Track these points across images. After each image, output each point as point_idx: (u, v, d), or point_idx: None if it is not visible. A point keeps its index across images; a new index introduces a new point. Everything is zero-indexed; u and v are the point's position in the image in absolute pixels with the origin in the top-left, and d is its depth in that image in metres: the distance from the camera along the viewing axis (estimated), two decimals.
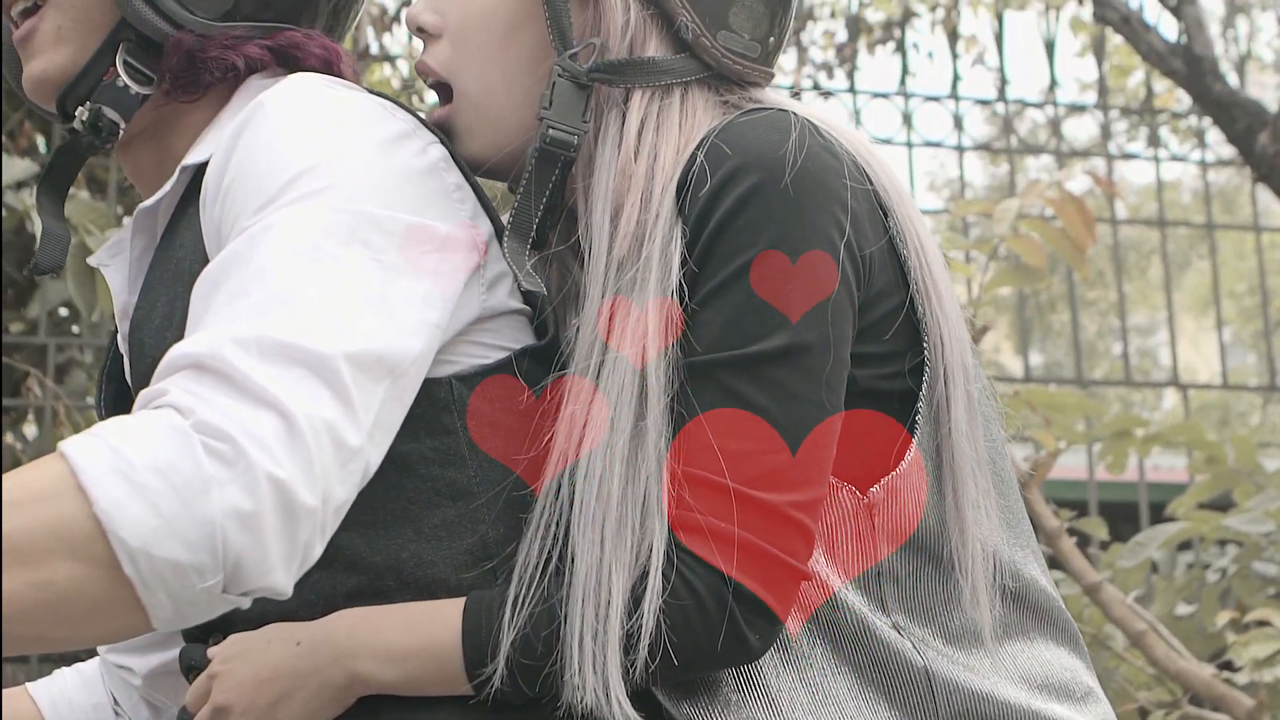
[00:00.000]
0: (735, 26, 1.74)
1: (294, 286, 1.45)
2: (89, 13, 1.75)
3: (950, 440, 1.66)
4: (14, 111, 4.76)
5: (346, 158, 1.56)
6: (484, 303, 1.64)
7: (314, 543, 1.38)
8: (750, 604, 1.53)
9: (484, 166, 1.79)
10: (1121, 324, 6.06)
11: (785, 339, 1.55)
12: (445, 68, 1.78)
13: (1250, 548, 4.30)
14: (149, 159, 1.83)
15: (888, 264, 1.65)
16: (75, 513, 1.28)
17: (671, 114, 1.70)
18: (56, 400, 4.32)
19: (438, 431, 1.61)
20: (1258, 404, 20.87)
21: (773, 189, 1.57)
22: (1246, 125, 4.80)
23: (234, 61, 1.75)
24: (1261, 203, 6.19)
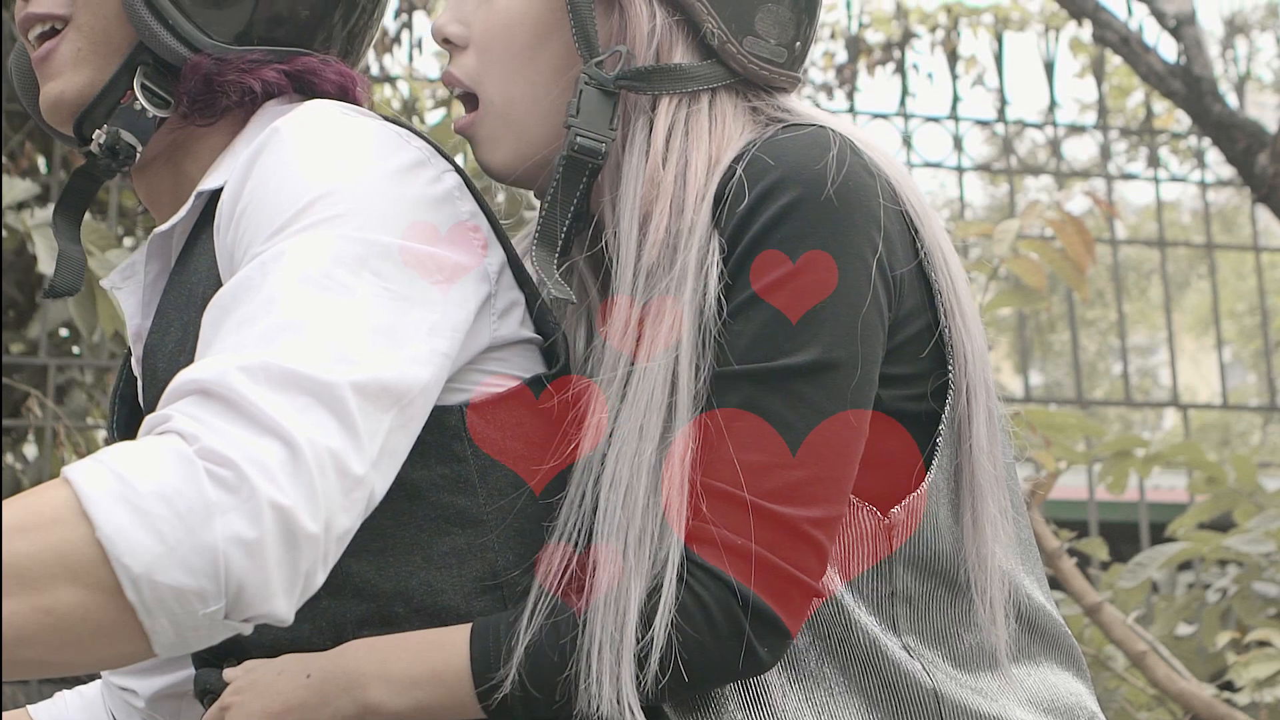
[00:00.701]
0: (761, 32, 1.74)
1: (302, 315, 1.45)
2: (107, 36, 1.76)
3: (971, 458, 1.66)
4: (15, 132, 4.77)
5: (359, 186, 1.56)
6: (495, 332, 1.64)
7: (316, 570, 1.37)
8: (761, 617, 1.52)
9: (509, 176, 1.80)
10: (1121, 344, 6.06)
11: (814, 355, 1.55)
12: (471, 77, 1.78)
13: (1251, 568, 4.30)
14: (164, 183, 1.83)
15: (917, 285, 1.66)
16: (79, 538, 1.28)
17: (700, 120, 1.70)
18: (57, 421, 4.32)
19: (448, 459, 1.61)
20: (1258, 424, 20.87)
21: (812, 204, 1.57)
22: (1246, 146, 4.80)
23: (251, 85, 1.75)
24: (1261, 222, 6.20)
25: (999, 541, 1.68)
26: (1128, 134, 7.32)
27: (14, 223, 3.74)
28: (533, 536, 1.64)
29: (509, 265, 1.68)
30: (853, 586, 1.63)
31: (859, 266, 1.58)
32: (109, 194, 4.82)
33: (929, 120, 5.83)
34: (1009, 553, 1.70)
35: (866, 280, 1.58)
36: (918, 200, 1.70)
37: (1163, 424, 23.82)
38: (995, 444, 1.69)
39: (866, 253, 1.58)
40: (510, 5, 1.76)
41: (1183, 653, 4.33)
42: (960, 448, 1.67)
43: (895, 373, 1.63)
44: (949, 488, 1.66)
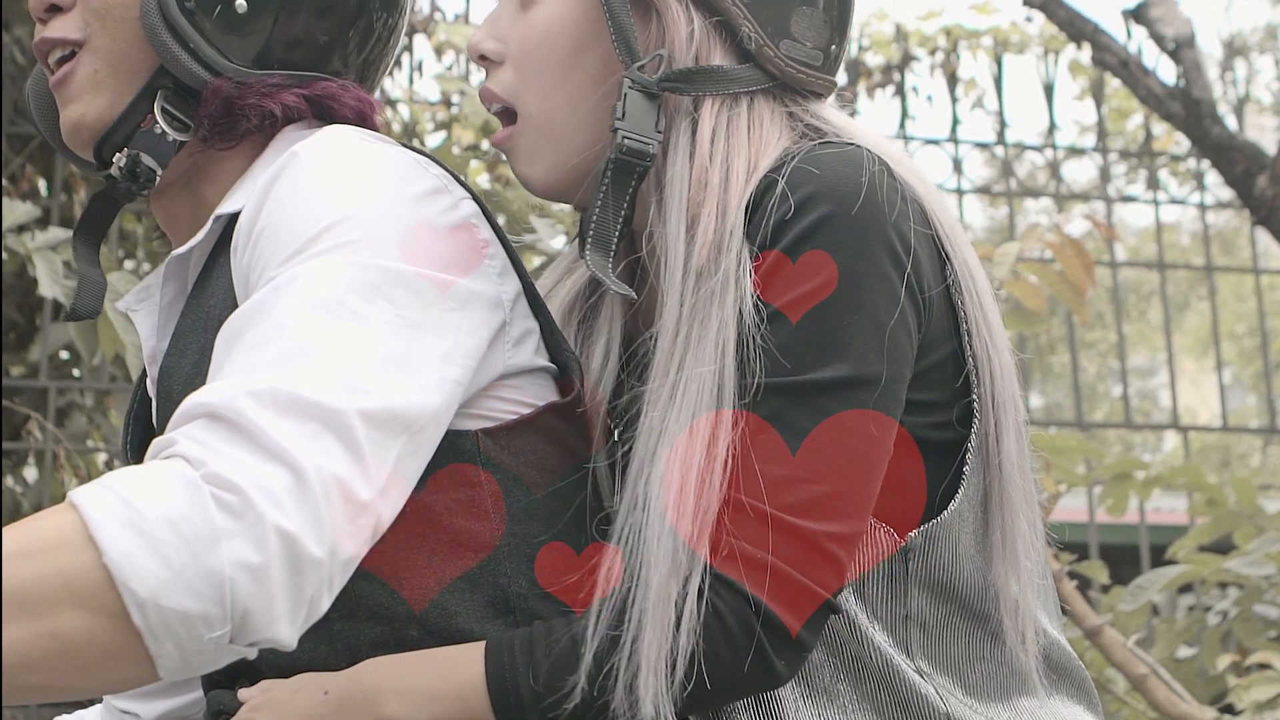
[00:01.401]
0: (798, 35, 1.75)
1: (313, 341, 1.45)
2: (126, 59, 1.76)
3: (1002, 474, 1.67)
4: (16, 155, 4.78)
5: (376, 212, 1.56)
6: (509, 360, 1.65)
7: (321, 595, 1.38)
8: (777, 630, 1.52)
9: (548, 188, 1.81)
10: (1121, 366, 6.06)
11: (841, 370, 1.56)
12: (509, 92, 1.79)
13: (1251, 590, 4.30)
14: (182, 207, 1.83)
15: (945, 310, 1.66)
16: (85, 563, 1.29)
17: (740, 124, 1.71)
18: (57, 444, 4.32)
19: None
20: (1258, 445, 20.87)
21: (842, 221, 1.58)
22: (1245, 168, 4.80)
23: (271, 109, 1.76)
24: (1260, 245, 6.21)
25: (1030, 558, 1.69)
26: (1127, 156, 7.33)
27: (15, 245, 3.74)
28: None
29: (524, 293, 1.69)
30: (868, 606, 1.64)
31: (886, 285, 1.58)
32: None
33: (929, 143, 5.84)
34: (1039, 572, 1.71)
35: (894, 299, 1.59)
36: (949, 222, 1.70)
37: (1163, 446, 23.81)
38: (1025, 460, 1.70)
39: (893, 272, 1.59)
40: (547, 19, 1.77)
41: (1183, 675, 4.33)
42: (989, 465, 1.67)
43: (919, 399, 1.64)
44: (974, 516, 1.67)
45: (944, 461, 1.67)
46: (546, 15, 1.77)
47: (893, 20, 6.27)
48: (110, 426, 4.79)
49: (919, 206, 1.66)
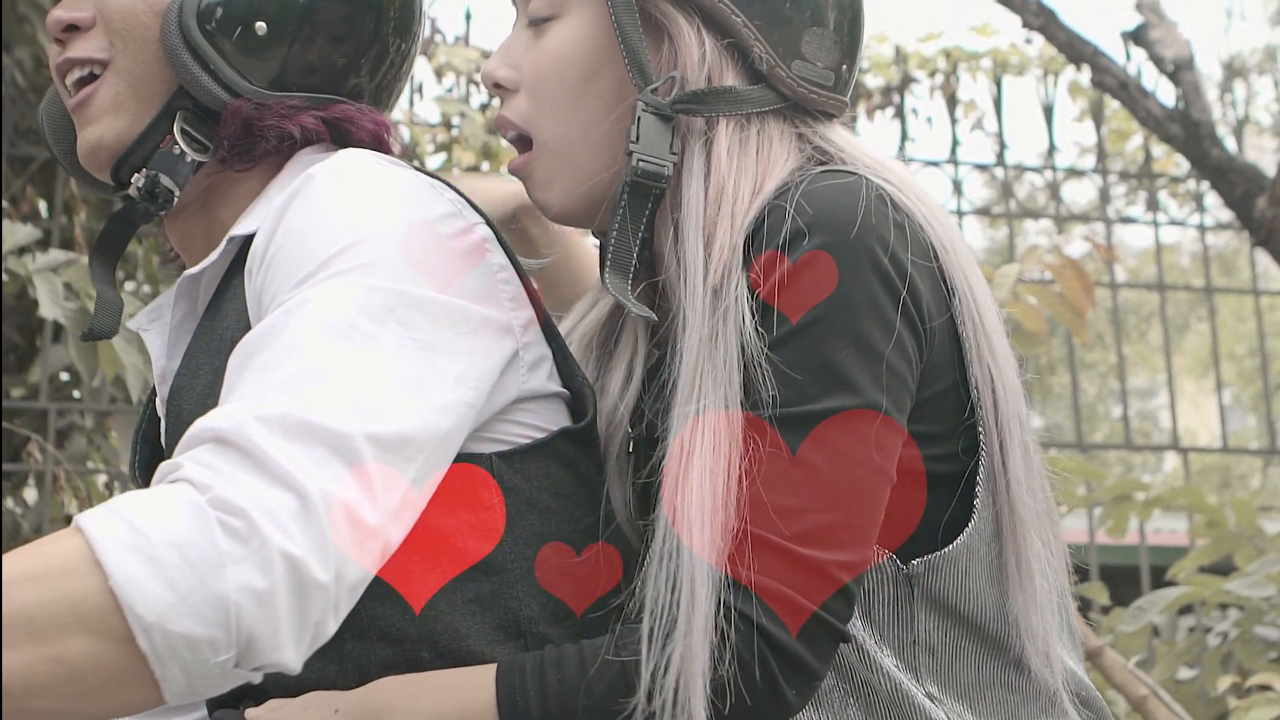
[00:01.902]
0: (809, 56, 1.76)
1: (323, 364, 1.46)
2: (147, 80, 1.77)
3: (1010, 496, 1.67)
4: (16, 177, 4.78)
5: (390, 236, 1.57)
6: (523, 384, 1.66)
7: (326, 620, 1.38)
8: (789, 659, 1.53)
9: (565, 213, 1.82)
10: (1121, 387, 6.06)
11: (841, 401, 1.56)
12: (525, 119, 1.80)
13: (1252, 612, 4.29)
14: (197, 228, 1.84)
15: (948, 340, 1.67)
16: (91, 587, 1.29)
17: (750, 146, 1.72)
18: (57, 465, 4.32)
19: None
20: (1258, 466, 20.85)
21: (837, 254, 1.58)
22: (1244, 190, 4.81)
23: (290, 130, 1.77)
24: (1260, 266, 6.20)
25: (1046, 577, 1.69)
26: (1127, 178, 7.33)
27: (15, 267, 3.74)
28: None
29: (537, 319, 1.70)
30: (876, 630, 1.65)
31: (881, 315, 1.59)
32: None
33: (928, 164, 5.85)
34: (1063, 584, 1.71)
35: (890, 328, 1.59)
36: (954, 248, 1.71)
37: (1163, 467, 23.80)
38: (1034, 477, 1.71)
39: (889, 302, 1.59)
40: (560, 45, 1.78)
41: (1184, 697, 4.32)
42: (997, 489, 1.68)
43: (921, 430, 1.64)
44: (986, 545, 1.68)
45: (949, 492, 1.67)
46: (559, 42, 1.78)
47: (892, 42, 6.28)
48: (110, 448, 4.79)
49: (921, 236, 1.66)
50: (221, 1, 1.75)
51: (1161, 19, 5.11)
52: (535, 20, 1.80)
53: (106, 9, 1.78)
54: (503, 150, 5.30)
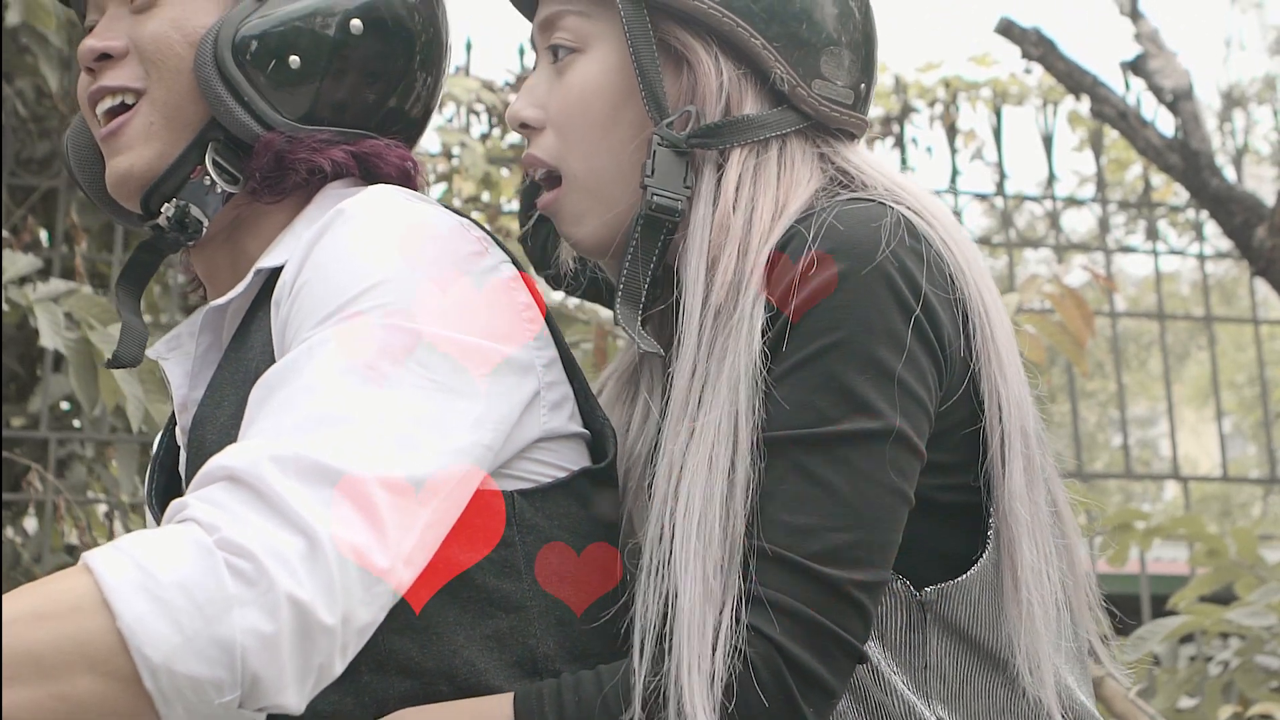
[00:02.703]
0: (828, 75, 1.78)
1: (341, 406, 1.47)
2: (180, 111, 1.78)
3: (1007, 504, 1.68)
4: (17, 207, 4.79)
5: (415, 275, 1.58)
6: (545, 424, 1.67)
7: (332, 662, 1.39)
8: (807, 677, 1.54)
9: (597, 247, 1.83)
10: (1121, 416, 6.05)
11: (860, 423, 1.58)
12: (554, 156, 1.82)
13: (1253, 641, 4.29)
14: (223, 259, 1.85)
15: (965, 366, 1.68)
16: (98, 627, 1.31)
17: (769, 167, 1.74)
18: (57, 495, 4.31)
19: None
20: (1259, 495, 20.83)
21: (855, 278, 1.60)
22: (1244, 219, 4.81)
23: (321, 164, 1.78)
24: (1260, 294, 6.21)
25: (1043, 587, 1.69)
26: (1126, 207, 7.34)
27: (16, 297, 3.74)
28: (573, 628, 1.66)
29: (560, 359, 1.71)
30: (889, 653, 1.66)
31: (899, 342, 1.60)
32: (111, 268, 4.83)
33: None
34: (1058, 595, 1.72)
35: (907, 355, 1.60)
36: (972, 273, 1.72)
37: (1164, 495, 23.78)
38: (1035, 489, 1.71)
39: (908, 330, 1.61)
40: (585, 80, 1.79)
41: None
42: (994, 497, 1.68)
43: (937, 460, 1.66)
44: (996, 574, 1.68)
45: (958, 520, 1.68)
46: (583, 77, 1.79)
47: (892, 72, 6.28)
48: (110, 478, 4.78)
49: (940, 264, 1.67)
50: (256, 35, 1.76)
51: (1160, 49, 5.12)
52: (558, 54, 1.82)
53: (140, 39, 1.79)
54: (503, 180, 5.31)
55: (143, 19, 1.80)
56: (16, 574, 4.42)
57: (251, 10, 1.77)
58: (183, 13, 1.79)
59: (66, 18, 4.04)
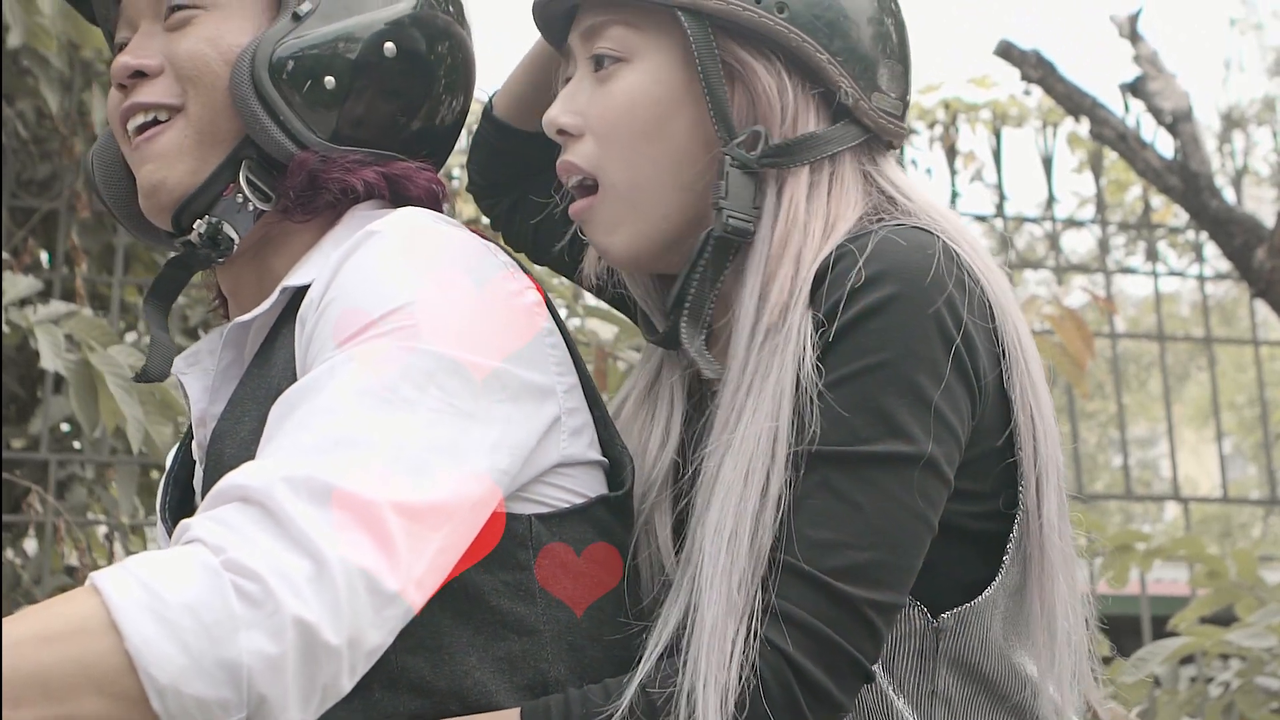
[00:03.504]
0: (884, 87, 1.80)
1: (358, 429, 1.48)
2: (214, 127, 1.79)
3: (1041, 538, 1.69)
4: (18, 229, 4.79)
5: (441, 298, 1.59)
6: (564, 450, 1.67)
7: (337, 682, 1.40)
8: (815, 691, 1.54)
9: (628, 257, 1.84)
10: (1121, 436, 6.05)
11: (891, 446, 1.58)
12: (591, 164, 1.81)
13: (1253, 662, 4.29)
14: (249, 276, 1.86)
15: (999, 398, 1.69)
16: (105, 648, 1.32)
17: (823, 185, 1.75)
18: (57, 516, 4.31)
19: (511, 566, 1.64)
20: (1259, 516, 20.81)
21: (904, 303, 1.61)
22: (1243, 241, 4.81)
23: (354, 184, 1.79)
24: (1260, 315, 6.21)
25: (1069, 619, 1.71)
26: (1126, 228, 7.35)
27: (16, 319, 3.75)
28: (585, 653, 1.67)
29: (580, 385, 1.72)
30: (895, 678, 1.66)
31: (938, 369, 1.61)
32: (111, 290, 4.84)
33: None
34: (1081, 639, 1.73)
35: (945, 383, 1.61)
36: (1006, 304, 1.73)
37: (1164, 516, 23.76)
38: (1065, 524, 1.72)
39: (947, 358, 1.61)
40: (630, 90, 1.79)
41: None
42: (1029, 531, 1.69)
43: (967, 487, 1.66)
44: (1005, 601, 1.69)
45: (983, 547, 1.69)
46: (629, 86, 1.79)
47: None
48: (110, 499, 4.78)
49: (980, 295, 1.68)
50: (293, 55, 1.77)
51: (1160, 71, 5.12)
52: (601, 64, 1.81)
53: (176, 57, 1.80)
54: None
55: (177, 36, 1.81)
56: (16, 595, 4.42)
57: (287, 31, 1.78)
58: (218, 31, 1.80)
59: (68, 40, 4.05)
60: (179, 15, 1.82)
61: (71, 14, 3.87)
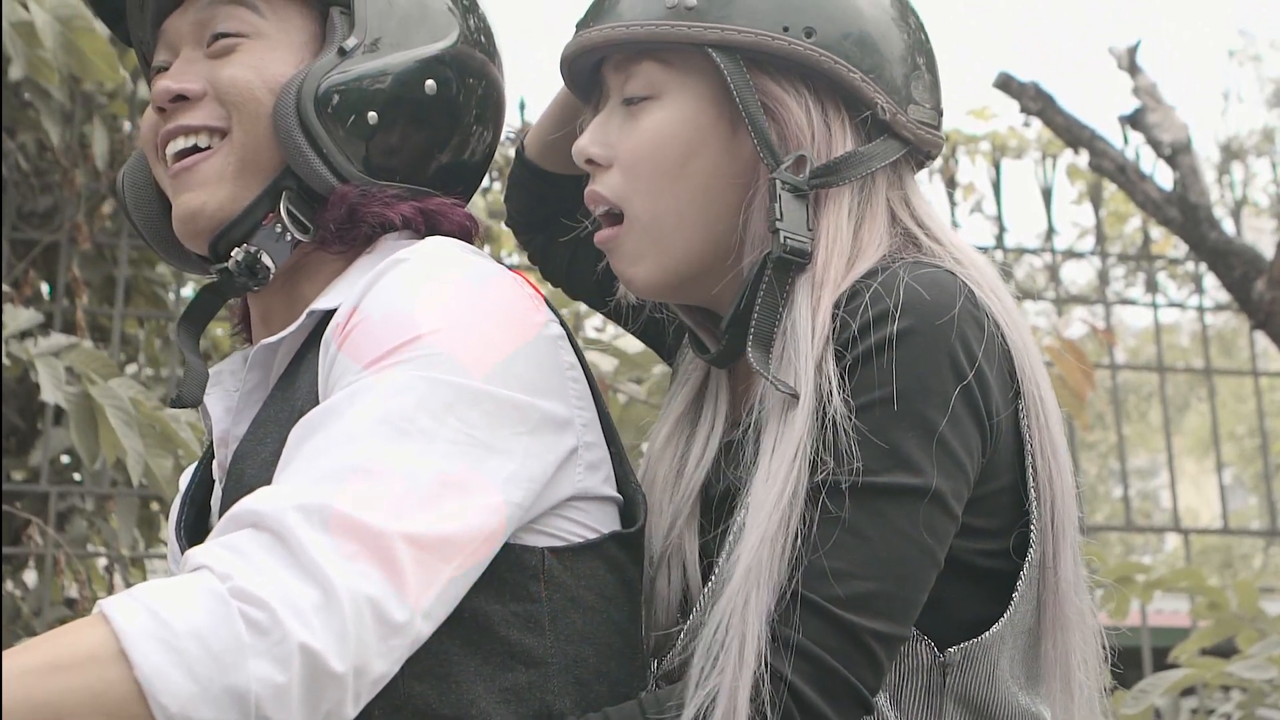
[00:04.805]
0: (918, 98, 1.82)
1: (375, 458, 1.49)
2: (256, 156, 1.80)
3: (1058, 593, 1.70)
4: (18, 261, 4.80)
5: (465, 328, 1.60)
6: (579, 483, 1.68)
7: (341, 710, 1.42)
8: (812, 715, 1.55)
9: (649, 287, 1.85)
10: (1122, 467, 6.04)
11: (900, 479, 1.59)
12: (618, 195, 1.83)
13: (1254, 694, 4.28)
14: (279, 301, 1.87)
15: (1012, 438, 1.70)
16: (116, 677, 1.33)
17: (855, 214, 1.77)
18: (57, 548, 4.31)
19: (522, 598, 1.64)
20: (1260, 546, 20.79)
21: (918, 338, 1.61)
22: (1243, 272, 4.82)
23: (392, 219, 1.81)
24: (1259, 346, 6.21)
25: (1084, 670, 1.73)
26: (1126, 259, 7.36)
27: (17, 351, 3.75)
28: (591, 688, 1.67)
29: (599, 421, 1.73)
30: (904, 714, 1.67)
31: (950, 406, 1.61)
32: (112, 322, 4.84)
33: None
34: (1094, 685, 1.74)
35: (957, 420, 1.62)
36: (1023, 345, 1.74)
37: (1164, 546, 23.74)
38: (1080, 576, 1.74)
39: (960, 396, 1.62)
40: (658, 126, 1.81)
41: None
42: (1045, 585, 1.70)
43: (975, 524, 1.67)
44: (1014, 640, 1.70)
45: (992, 585, 1.69)
46: (657, 123, 1.81)
47: None
48: (110, 531, 4.78)
49: (998, 337, 1.69)
50: (338, 88, 1.78)
51: (1159, 103, 5.14)
52: (631, 100, 1.84)
53: (219, 82, 1.82)
54: (503, 234, 5.31)
55: (220, 64, 1.83)
56: (16, 627, 4.41)
57: (333, 65, 1.79)
58: (262, 60, 1.82)
59: (69, 73, 4.06)
60: (223, 43, 1.84)
61: (73, 47, 3.88)
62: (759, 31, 1.77)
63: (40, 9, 3.85)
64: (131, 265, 5.04)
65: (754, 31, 1.77)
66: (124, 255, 4.85)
